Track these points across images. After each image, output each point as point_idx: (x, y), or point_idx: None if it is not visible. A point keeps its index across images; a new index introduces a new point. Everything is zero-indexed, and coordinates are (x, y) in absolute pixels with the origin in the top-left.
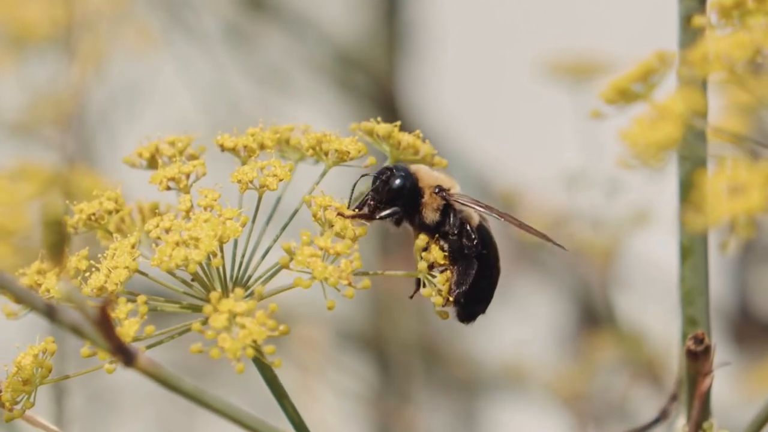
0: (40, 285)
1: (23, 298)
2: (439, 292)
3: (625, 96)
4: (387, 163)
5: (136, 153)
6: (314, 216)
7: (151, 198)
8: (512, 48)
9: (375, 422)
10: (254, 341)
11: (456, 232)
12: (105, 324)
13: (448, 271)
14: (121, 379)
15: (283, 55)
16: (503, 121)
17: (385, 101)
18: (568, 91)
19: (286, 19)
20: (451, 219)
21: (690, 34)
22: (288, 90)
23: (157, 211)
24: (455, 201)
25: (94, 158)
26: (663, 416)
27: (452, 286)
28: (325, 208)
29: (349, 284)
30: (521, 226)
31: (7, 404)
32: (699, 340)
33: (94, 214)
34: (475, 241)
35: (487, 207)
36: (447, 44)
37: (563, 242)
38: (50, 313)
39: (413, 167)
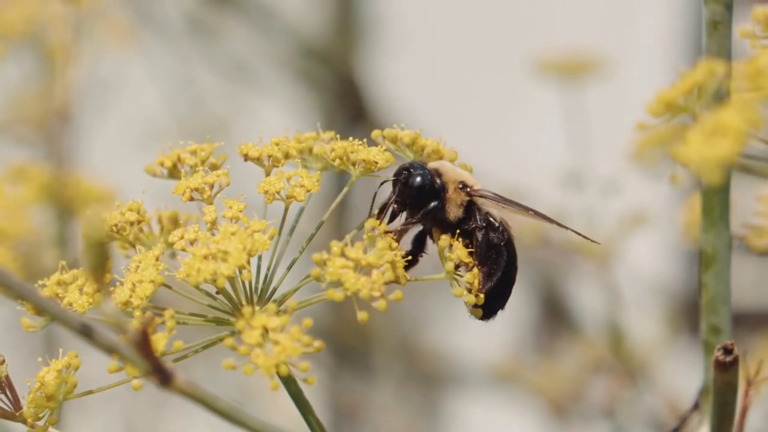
0: (60, 297)
1: (56, 315)
2: (469, 290)
3: (671, 109)
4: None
5: (157, 162)
6: (366, 236)
7: (133, 198)
8: (473, 41)
9: (332, 408)
10: (289, 358)
11: (483, 225)
12: (145, 345)
13: (475, 269)
14: (86, 375)
15: (248, 48)
16: (465, 113)
17: (348, 94)
18: (528, 84)
19: (249, 12)
20: (476, 214)
21: (716, 40)
22: (253, 83)
23: (178, 221)
24: (480, 196)
25: (66, 155)
26: (681, 424)
27: (483, 281)
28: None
29: (381, 296)
30: (548, 220)
31: (30, 420)
32: (728, 351)
33: (116, 225)
34: (503, 232)
35: (511, 202)
36: (409, 36)
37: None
38: (85, 331)
39: (436, 163)
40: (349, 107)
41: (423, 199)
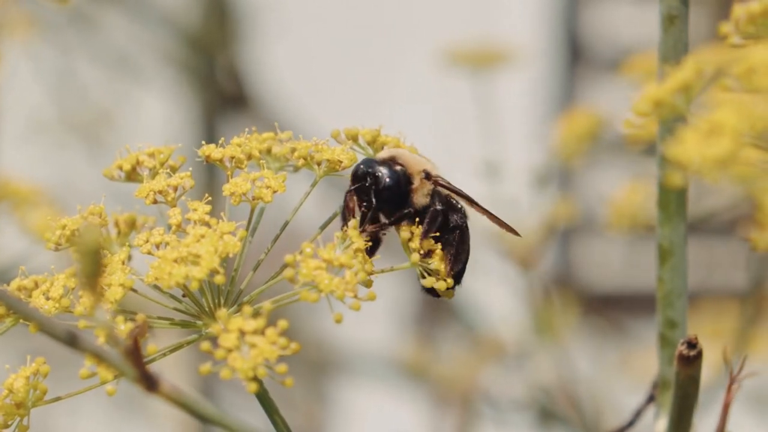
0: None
1: (40, 322)
2: (437, 275)
3: (659, 108)
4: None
5: (115, 165)
6: (339, 237)
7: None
8: (353, 28)
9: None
10: (266, 360)
11: (446, 208)
12: (134, 353)
13: (439, 252)
14: None
15: (129, 40)
16: (345, 98)
17: (228, 82)
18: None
19: (125, 2)
20: (437, 199)
21: (672, 34)
22: (135, 75)
23: (135, 224)
24: (444, 186)
25: None
26: (636, 417)
27: (450, 264)
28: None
29: (355, 296)
30: (489, 215)
31: None
32: (692, 345)
33: (78, 230)
34: (464, 212)
35: (461, 194)
36: (289, 24)
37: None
38: (71, 340)
39: (391, 152)
40: (230, 95)
41: (395, 200)
